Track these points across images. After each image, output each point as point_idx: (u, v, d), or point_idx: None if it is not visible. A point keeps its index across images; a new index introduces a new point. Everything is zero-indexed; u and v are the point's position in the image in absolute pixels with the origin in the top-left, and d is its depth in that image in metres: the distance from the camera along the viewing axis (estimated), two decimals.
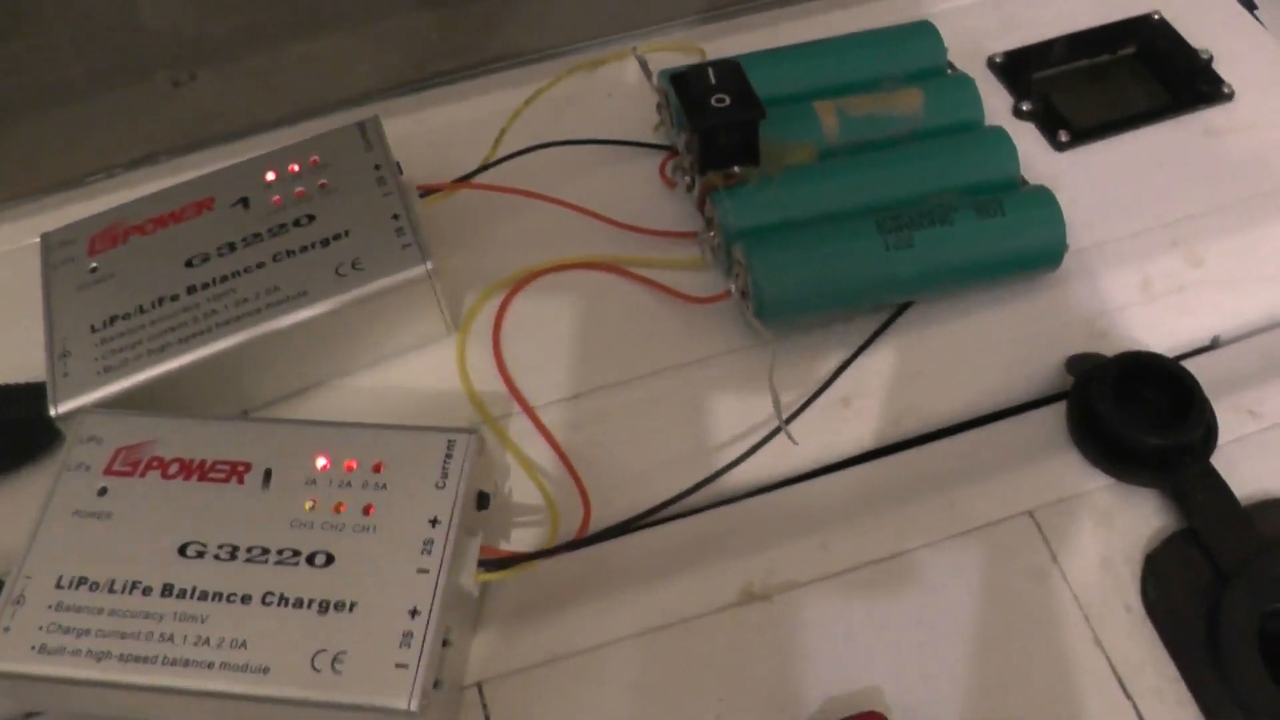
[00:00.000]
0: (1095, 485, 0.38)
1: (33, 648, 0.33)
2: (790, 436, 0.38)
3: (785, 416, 0.38)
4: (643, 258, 0.43)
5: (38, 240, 0.47)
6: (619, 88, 0.50)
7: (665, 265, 0.43)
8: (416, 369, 0.42)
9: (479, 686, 0.35)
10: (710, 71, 0.40)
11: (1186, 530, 0.37)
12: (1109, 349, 0.41)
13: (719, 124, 0.39)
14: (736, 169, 0.41)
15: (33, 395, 0.41)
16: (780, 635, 0.36)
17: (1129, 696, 0.34)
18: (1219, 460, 0.37)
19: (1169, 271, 0.44)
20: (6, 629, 0.34)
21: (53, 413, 0.39)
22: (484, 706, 0.35)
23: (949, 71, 0.47)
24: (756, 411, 0.40)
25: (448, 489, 0.35)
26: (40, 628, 0.34)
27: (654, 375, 0.41)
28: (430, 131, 0.45)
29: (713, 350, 0.41)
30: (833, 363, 0.41)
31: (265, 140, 0.50)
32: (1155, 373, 0.39)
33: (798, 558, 0.37)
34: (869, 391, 0.41)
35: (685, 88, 0.40)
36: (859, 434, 0.40)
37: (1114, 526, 0.37)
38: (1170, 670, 0.35)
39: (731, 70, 0.41)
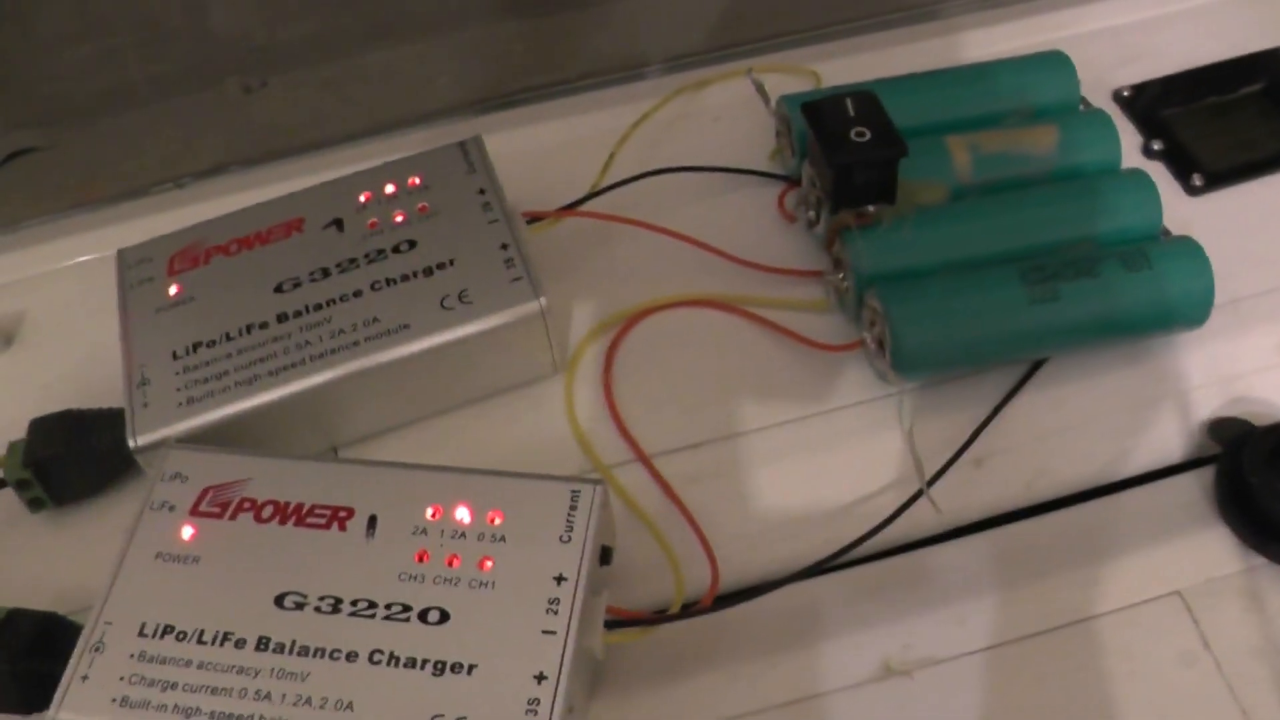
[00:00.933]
0: (1247, 565, 0.37)
1: (113, 700, 0.32)
2: (934, 504, 0.36)
3: (926, 483, 0.37)
4: (762, 297, 0.42)
5: (105, 254, 0.46)
6: (727, 110, 0.49)
7: (786, 306, 0.42)
8: (519, 409, 0.41)
9: None
10: (849, 103, 0.39)
11: None
12: (1247, 413, 0.40)
13: (859, 161, 0.38)
14: (870, 208, 0.40)
15: (107, 422, 0.39)
16: (924, 717, 0.34)
17: None
18: None
19: None
20: (85, 678, 0.33)
21: (131, 445, 0.37)
22: None
23: (1080, 107, 0.46)
24: (887, 468, 0.39)
25: (573, 543, 0.33)
26: (122, 678, 0.33)
27: (778, 426, 0.40)
28: (522, 152, 0.44)
29: (839, 401, 0.40)
30: (965, 419, 0.40)
31: (343, 155, 0.49)
32: None
33: (935, 631, 0.36)
34: (1000, 452, 0.40)
35: (821, 119, 0.39)
36: (990, 497, 0.39)
37: (1266, 612, 0.36)
38: None
39: (870, 102, 0.40)
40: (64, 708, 0.32)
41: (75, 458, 0.39)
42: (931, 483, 0.37)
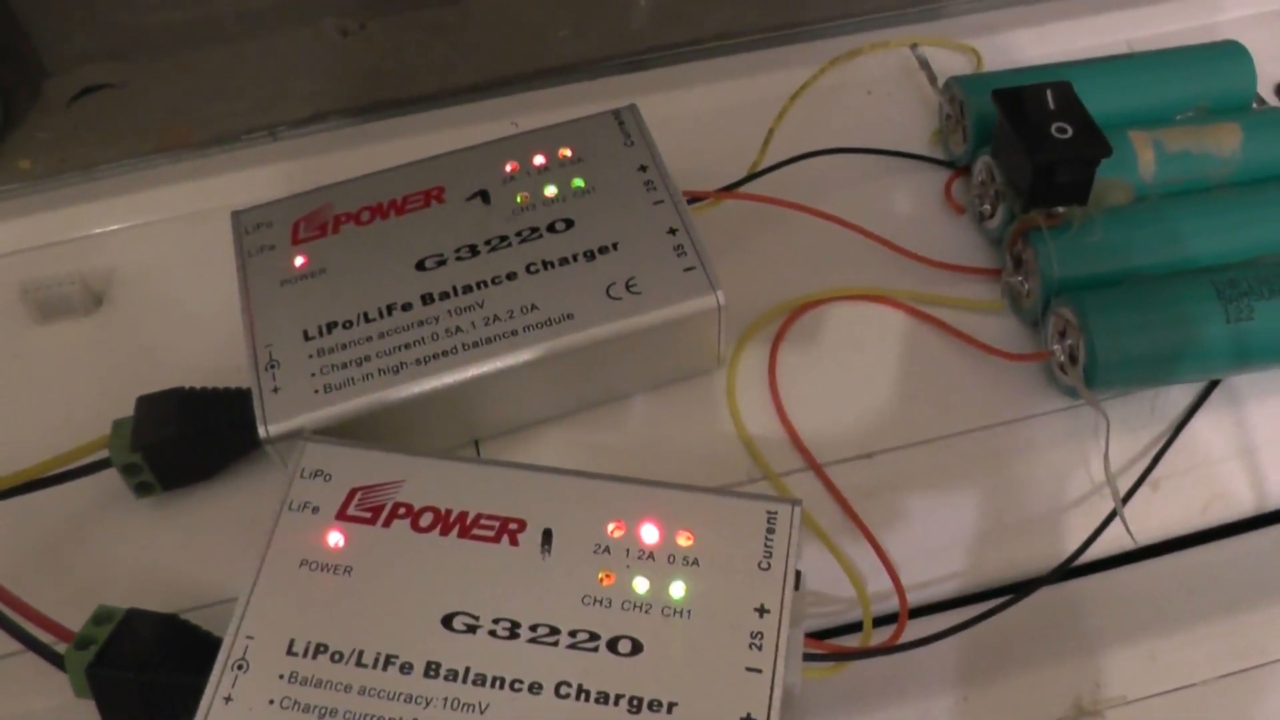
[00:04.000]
0: None
1: None
2: (1127, 528, 0.34)
3: (1120, 503, 0.34)
4: (932, 294, 0.39)
5: (199, 208, 0.43)
6: (879, 84, 0.45)
7: (957, 305, 0.39)
8: (676, 407, 0.37)
9: None
10: (1049, 95, 0.36)
11: None
12: None
13: (1062, 159, 0.35)
14: (1061, 209, 0.37)
15: (223, 403, 0.36)
16: None
17: None
18: None
19: None
20: (228, 699, 0.29)
21: (263, 434, 0.34)
22: None
23: (1255, 104, 0.43)
24: (1072, 488, 0.36)
25: (773, 571, 0.30)
26: (271, 701, 0.29)
27: (956, 436, 0.37)
28: (666, 122, 0.40)
29: (1019, 413, 0.37)
30: (1142, 438, 0.37)
31: (458, 113, 0.45)
32: None
33: (1125, 669, 0.33)
34: (1176, 474, 0.37)
35: (1019, 110, 0.36)
36: (1166, 521, 0.37)
37: None
38: None
39: (1068, 94, 0.37)
40: None
41: (188, 441, 0.35)
42: (1125, 501, 0.35)
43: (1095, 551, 0.35)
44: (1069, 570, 0.35)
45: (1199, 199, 0.39)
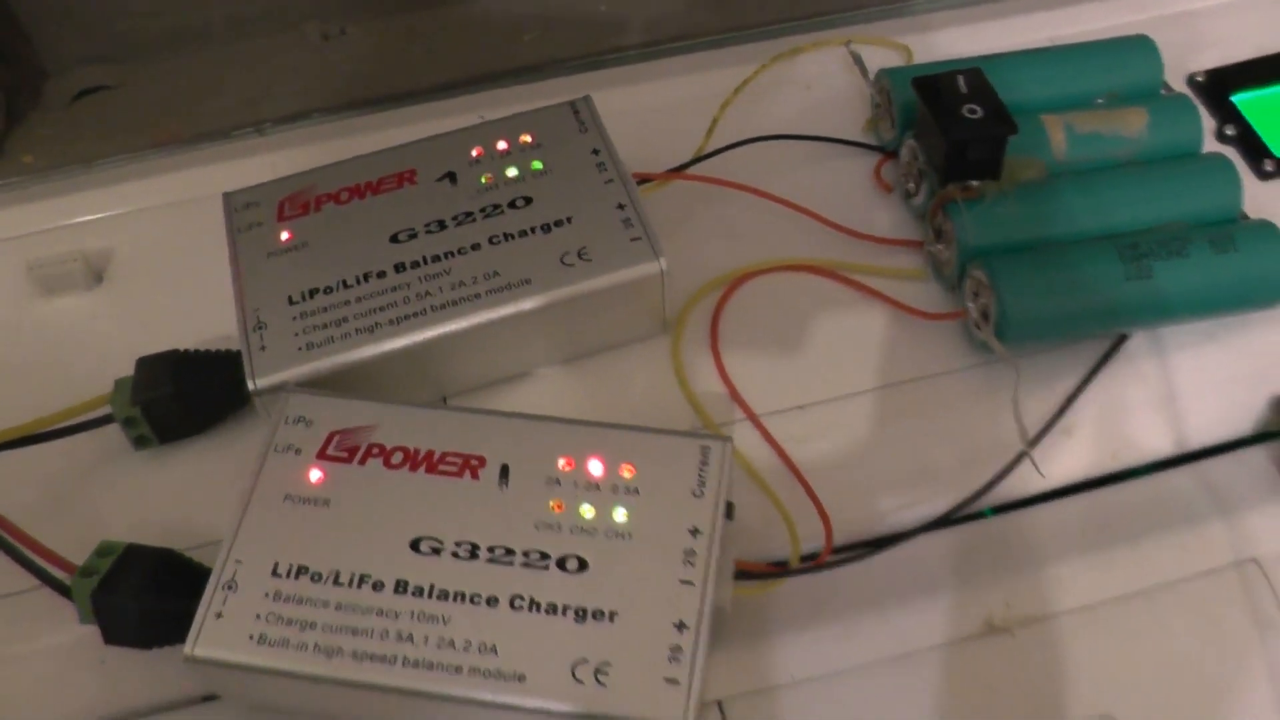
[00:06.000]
0: None
1: (251, 637, 0.33)
2: (1037, 467, 0.38)
3: (1029, 444, 0.39)
4: (862, 264, 0.44)
5: (191, 196, 0.47)
6: (818, 80, 0.50)
7: (885, 274, 0.44)
8: (625, 367, 0.42)
9: (719, 705, 0.35)
10: (960, 80, 0.41)
11: None
12: None
13: (972, 137, 0.40)
14: (975, 183, 0.41)
15: (215, 364, 0.40)
16: (1024, 671, 0.36)
17: None
18: None
19: None
20: (219, 615, 0.34)
21: (251, 387, 0.38)
22: None
23: (1163, 91, 0.48)
24: (988, 434, 0.40)
25: (706, 498, 0.35)
26: (258, 616, 0.34)
27: (881, 390, 0.41)
28: (621, 114, 0.45)
29: (939, 368, 0.42)
30: (1057, 390, 0.42)
31: (432, 108, 0.50)
32: None
33: (1034, 591, 0.38)
34: (1088, 422, 0.42)
35: (934, 95, 0.41)
36: (1077, 464, 0.41)
37: None
38: None
39: (979, 79, 0.41)
40: (200, 644, 0.33)
41: (184, 397, 0.40)
42: (1032, 445, 0.39)
43: (1016, 492, 0.40)
44: (995, 509, 0.39)
45: (1106, 175, 0.43)
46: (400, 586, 0.34)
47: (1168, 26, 0.53)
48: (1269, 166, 0.49)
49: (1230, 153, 0.49)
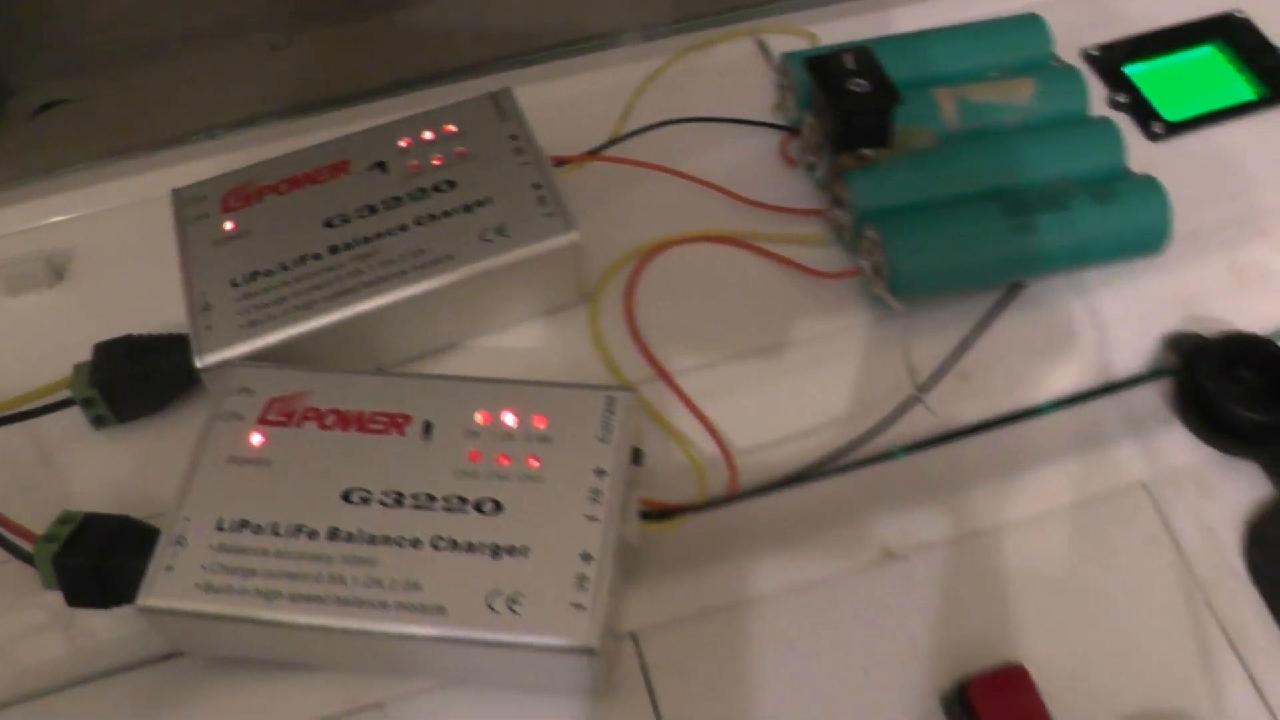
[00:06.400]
0: (1199, 458, 0.43)
1: (198, 586, 0.36)
2: (928, 407, 0.42)
3: (919, 389, 0.42)
4: (769, 233, 0.47)
5: (146, 198, 0.51)
6: (731, 68, 0.54)
7: (789, 240, 0.47)
8: (548, 334, 0.45)
9: (633, 637, 0.38)
10: (848, 57, 0.44)
11: None
12: (1202, 329, 0.46)
13: (859, 108, 0.43)
14: (867, 151, 0.45)
15: (167, 346, 0.44)
16: (919, 594, 0.39)
17: (1239, 656, 0.38)
18: None
19: (1257, 259, 0.48)
20: (169, 568, 0.37)
21: (198, 364, 0.42)
22: (640, 656, 0.38)
23: (1053, 63, 0.52)
24: (885, 382, 0.44)
25: (610, 443, 0.38)
26: (204, 567, 0.37)
27: (784, 346, 0.45)
28: (544, 104, 0.48)
29: (839, 324, 0.45)
30: (953, 338, 0.45)
31: (373, 108, 0.53)
32: (1257, 354, 0.44)
33: (931, 521, 0.41)
34: (985, 365, 0.45)
35: (824, 72, 0.44)
36: (977, 406, 0.44)
37: (1217, 497, 0.42)
38: (1275, 631, 0.39)
39: (866, 56, 0.45)
40: (151, 595, 0.36)
41: (138, 378, 0.43)
42: (924, 390, 0.42)
43: (917, 435, 0.43)
44: (904, 449, 0.43)
45: (993, 140, 0.47)
46: (332, 534, 0.37)
47: (1066, 6, 0.56)
48: (1157, 129, 0.52)
49: (1123, 118, 0.53)
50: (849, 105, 0.44)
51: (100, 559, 0.39)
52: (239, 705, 0.38)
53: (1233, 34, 0.56)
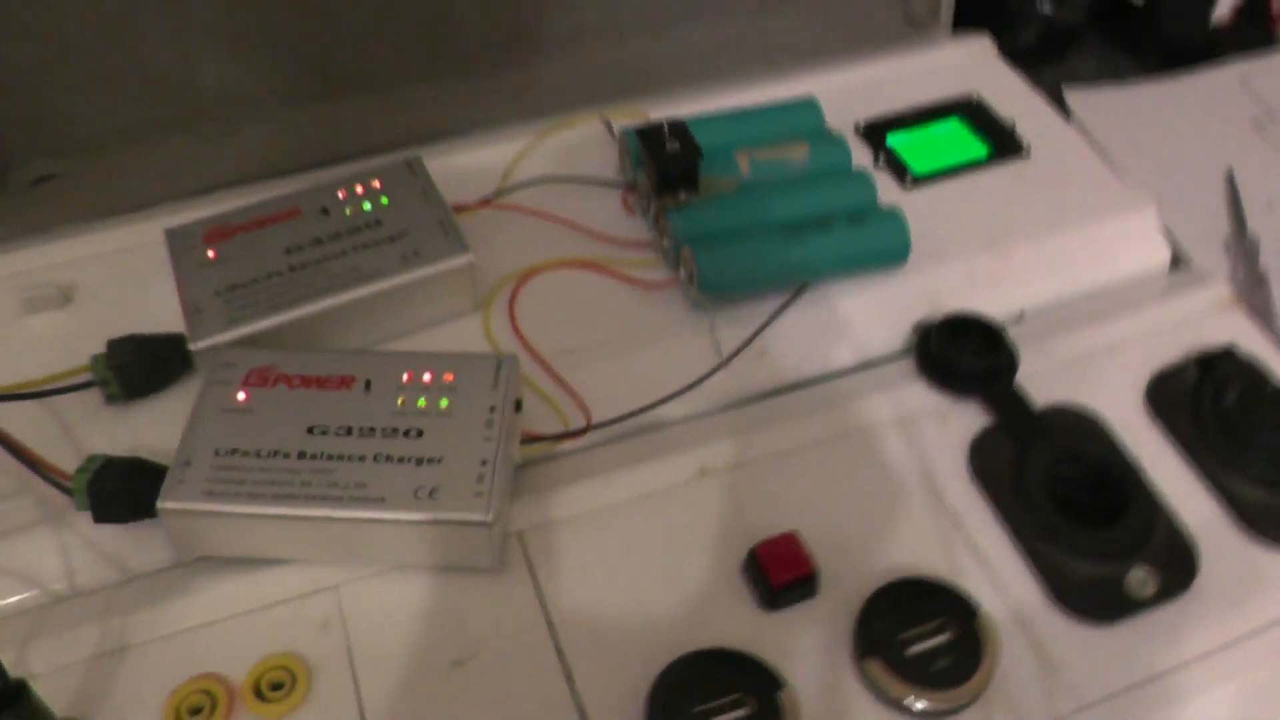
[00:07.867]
0: (935, 400, 0.61)
1: (203, 492, 0.52)
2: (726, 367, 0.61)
3: (723, 360, 0.61)
4: (613, 258, 0.66)
5: (137, 244, 0.68)
6: (586, 141, 0.73)
7: (629, 264, 0.66)
8: (452, 335, 0.62)
9: (519, 535, 0.55)
10: (665, 127, 0.64)
11: (998, 425, 0.60)
12: (939, 315, 0.64)
13: (672, 160, 0.63)
14: (682, 195, 0.64)
15: (165, 341, 0.60)
16: (726, 499, 0.57)
17: (962, 530, 0.56)
18: (1019, 381, 0.62)
19: (987, 269, 0.68)
20: (181, 481, 0.53)
21: (191, 348, 0.58)
22: (524, 547, 0.55)
23: (826, 132, 0.72)
24: (701, 360, 0.62)
25: (499, 389, 0.55)
26: (207, 479, 0.52)
27: (624, 336, 0.63)
28: (448, 170, 0.67)
29: (665, 321, 0.64)
30: (752, 325, 0.63)
31: (308, 178, 0.71)
32: (971, 325, 0.63)
33: (733, 450, 0.58)
34: (778, 344, 0.63)
35: (648, 139, 0.64)
36: (771, 376, 0.63)
37: (949, 425, 0.60)
38: (989, 513, 0.57)
39: (679, 126, 0.65)
40: (169, 499, 0.51)
41: (144, 364, 0.59)
42: (728, 363, 0.61)
43: (725, 398, 0.62)
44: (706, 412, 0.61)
45: (778, 186, 0.67)
46: (300, 454, 0.53)
47: (844, 91, 0.77)
48: (908, 182, 0.73)
49: (884, 174, 0.74)
50: (664, 159, 0.63)
51: (124, 482, 0.54)
52: (227, 594, 0.54)
53: (971, 110, 0.78)
